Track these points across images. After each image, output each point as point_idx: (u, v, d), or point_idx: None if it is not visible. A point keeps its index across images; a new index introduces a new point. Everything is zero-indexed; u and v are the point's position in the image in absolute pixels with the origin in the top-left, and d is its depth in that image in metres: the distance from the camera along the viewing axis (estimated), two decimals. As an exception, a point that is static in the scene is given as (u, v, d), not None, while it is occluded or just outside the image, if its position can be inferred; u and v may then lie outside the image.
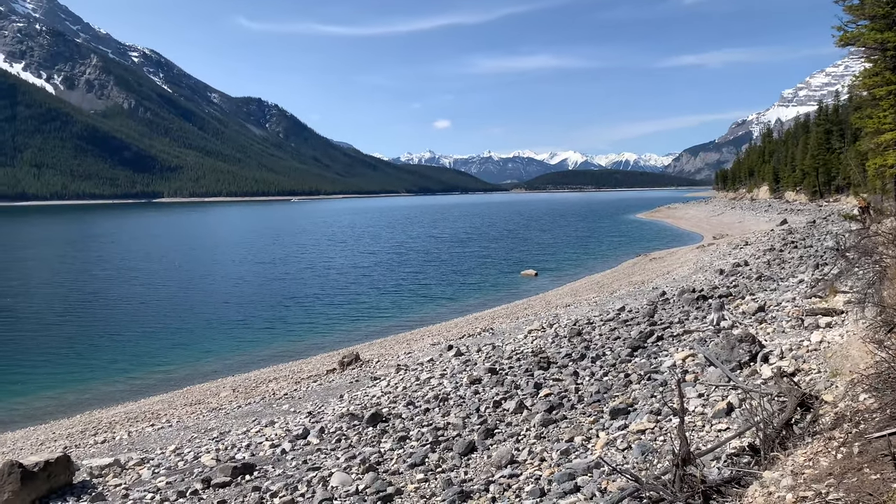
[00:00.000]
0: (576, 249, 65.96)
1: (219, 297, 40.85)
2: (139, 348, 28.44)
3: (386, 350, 24.01)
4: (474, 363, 15.74)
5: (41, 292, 43.81)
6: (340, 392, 16.32)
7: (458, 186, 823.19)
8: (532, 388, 11.80)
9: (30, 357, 27.13)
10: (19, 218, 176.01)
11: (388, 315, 34.65)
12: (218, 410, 17.31)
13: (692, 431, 7.50)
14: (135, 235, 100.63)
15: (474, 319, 29.77)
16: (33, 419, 20.40)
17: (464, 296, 39.79)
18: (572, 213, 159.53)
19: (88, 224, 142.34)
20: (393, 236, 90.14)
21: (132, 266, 56.92)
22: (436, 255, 63.22)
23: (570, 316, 22.75)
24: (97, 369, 25.45)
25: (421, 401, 12.83)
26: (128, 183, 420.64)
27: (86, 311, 36.72)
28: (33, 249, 76.58)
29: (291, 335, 30.59)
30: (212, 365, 25.86)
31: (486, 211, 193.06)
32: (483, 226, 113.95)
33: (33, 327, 32.64)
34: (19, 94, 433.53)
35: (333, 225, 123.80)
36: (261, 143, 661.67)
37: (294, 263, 57.66)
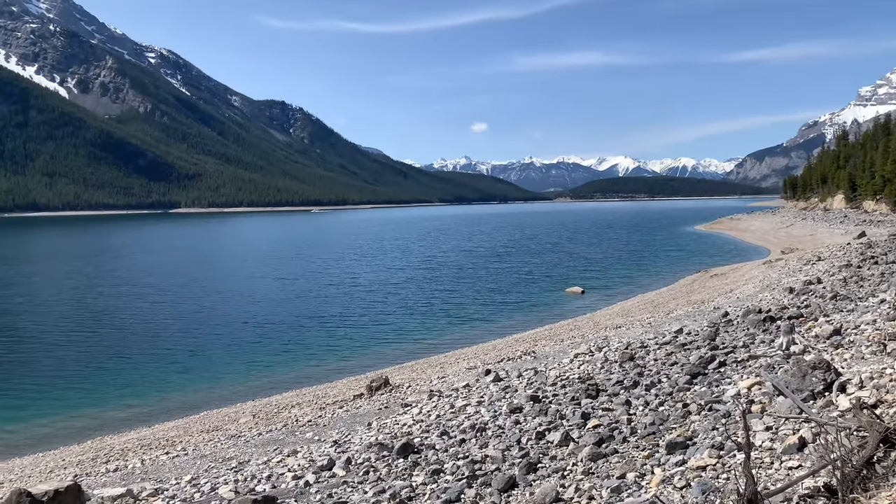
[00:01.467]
0: (627, 265, 65.33)
1: (237, 315, 41.45)
2: (152, 370, 28.98)
3: (417, 374, 24.05)
4: (514, 390, 15.67)
5: (48, 310, 44.99)
6: (368, 419, 16.39)
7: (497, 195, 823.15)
8: (579, 419, 11.69)
9: (37, 379, 27.84)
10: (29, 230, 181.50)
11: (420, 336, 34.70)
12: (237, 438, 17.52)
13: (759, 469, 7.36)
14: (148, 249, 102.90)
15: (514, 342, 29.63)
16: (42, 445, 20.92)
17: (502, 316, 39.64)
18: (623, 225, 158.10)
19: (100, 236, 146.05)
20: (424, 250, 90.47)
21: (144, 282, 58.16)
22: (471, 271, 63.23)
23: (621, 338, 22.49)
24: (108, 393, 26.01)
25: (456, 430, 12.80)
26: (143, 192, 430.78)
27: (96, 331, 37.59)
28: (41, 264, 78.83)
29: (315, 357, 30.86)
30: (230, 389, 26.22)
31: (527, 222, 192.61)
32: (523, 238, 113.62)
33: (40, 348, 33.51)
34: (31, 99, 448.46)
35: (359, 237, 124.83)
36: (284, 150, 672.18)
37: (317, 280, 58.25)
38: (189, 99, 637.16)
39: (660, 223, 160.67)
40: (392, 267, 67.97)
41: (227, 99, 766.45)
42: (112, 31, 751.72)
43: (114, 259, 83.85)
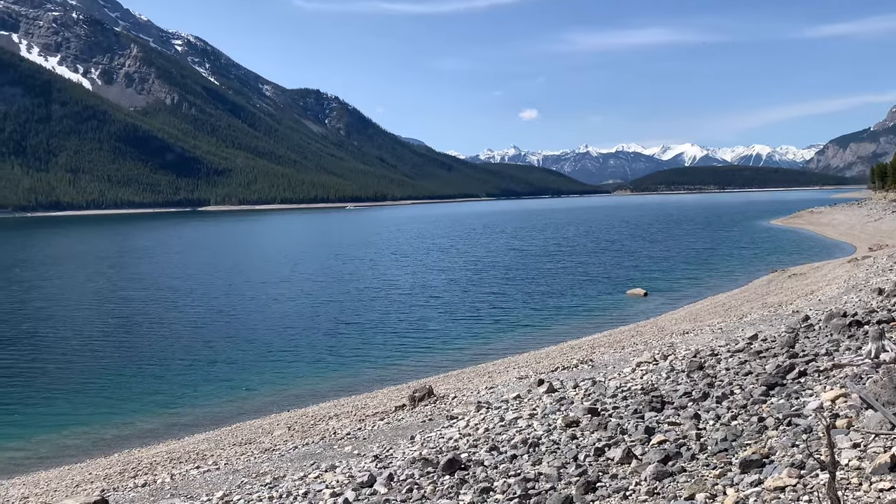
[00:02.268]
0: (695, 264, 64.54)
1: (269, 321, 42.11)
2: (181, 379, 29.64)
3: (464, 384, 24.09)
4: (570, 402, 15.59)
5: (70, 315, 46.38)
6: (411, 433, 16.49)
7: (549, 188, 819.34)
8: (642, 434, 11.58)
9: (62, 388, 28.71)
10: (52, 230, 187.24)
11: (465, 343, 34.76)
12: (271, 451, 17.81)
13: (846, 490, 7.20)
14: (175, 249, 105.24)
15: (569, 349, 29.48)
16: (67, 457, 21.59)
17: (556, 321, 39.48)
18: (690, 220, 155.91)
19: (125, 236, 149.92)
20: (468, 249, 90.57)
21: (171, 285, 59.51)
22: (520, 272, 63.11)
23: (688, 346, 22.21)
24: (135, 403, 26.69)
25: (506, 445, 12.79)
26: (170, 189, 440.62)
27: (121, 338, 38.61)
28: (62, 266, 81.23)
29: (353, 366, 31.17)
30: (263, 399, 26.66)
31: (583, 217, 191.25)
32: (578, 236, 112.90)
33: (64, 355, 34.55)
34: (54, 91, 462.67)
35: (398, 236, 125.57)
36: (319, 142, 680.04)
37: (353, 282, 58.82)
38: (218, 89, 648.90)
39: (731, 218, 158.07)
40: (433, 268, 68.23)
41: (257, 88, 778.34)
42: (137, 17, 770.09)
43: (139, 261, 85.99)
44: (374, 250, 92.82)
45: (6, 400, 27.15)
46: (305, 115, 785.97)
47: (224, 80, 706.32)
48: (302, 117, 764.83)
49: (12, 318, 44.68)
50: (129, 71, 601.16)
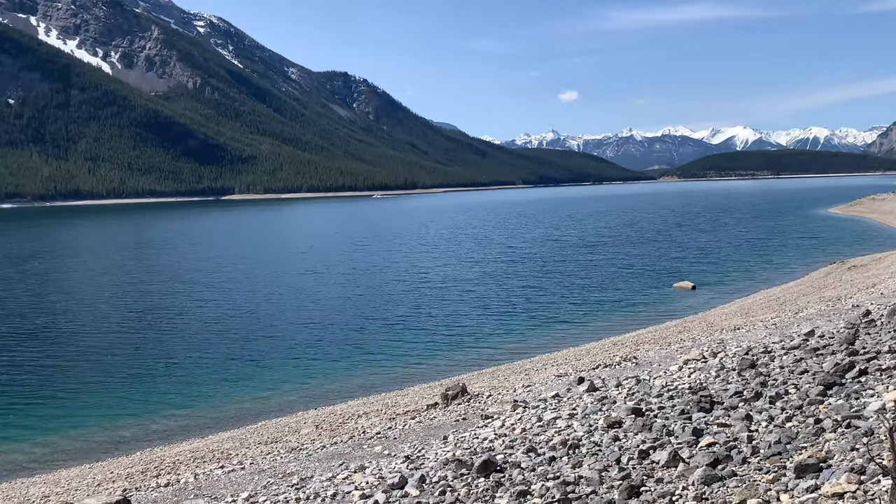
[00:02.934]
0: (747, 255, 63.94)
1: (295, 315, 42.53)
2: (205, 376, 30.08)
3: (499, 382, 24.13)
4: (613, 401, 15.52)
5: (89, 309, 47.29)
6: (444, 432, 16.55)
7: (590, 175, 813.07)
8: (690, 435, 11.50)
9: (82, 385, 29.32)
10: (71, 220, 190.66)
11: (500, 339, 34.83)
12: (298, 451, 18.01)
13: (910, 499, 7.09)
14: (196, 240, 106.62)
15: (612, 345, 29.37)
16: (89, 456, 22.05)
17: (597, 316, 39.39)
18: (741, 208, 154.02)
19: (145, 227, 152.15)
20: (503, 240, 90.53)
21: (193, 278, 60.37)
22: (559, 264, 62.95)
23: (739, 342, 21.99)
24: (158, 400, 27.16)
25: (545, 447, 12.79)
26: (193, 177, 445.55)
27: (142, 332, 39.27)
28: (80, 258, 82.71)
29: (383, 362, 31.37)
30: (290, 396, 26.97)
31: (626, 206, 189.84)
32: (621, 225, 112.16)
33: (83, 351, 35.24)
34: (73, 76, 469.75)
35: (429, 226, 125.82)
36: (347, 127, 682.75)
37: (382, 275, 59.15)
38: (242, 72, 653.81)
39: (786, 205, 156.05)
40: (467, 260, 68.31)
41: (283, 71, 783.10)
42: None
43: (159, 252, 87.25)
44: (403, 241, 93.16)
45: (25, 397, 27.80)
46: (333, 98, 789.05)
47: (248, 63, 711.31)
48: (329, 101, 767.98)
49: (29, 312, 45.66)
50: (149, 54, 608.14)
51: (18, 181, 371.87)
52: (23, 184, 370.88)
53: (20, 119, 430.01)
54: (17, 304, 48.71)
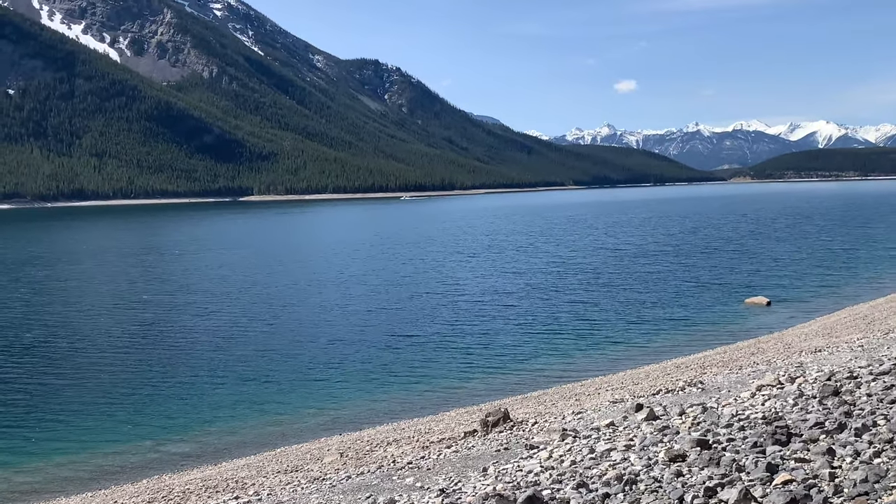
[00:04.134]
0: (830, 268, 63.11)
1: (317, 331, 42.83)
2: (218, 397, 30.39)
3: (546, 408, 24.04)
4: (675, 432, 15.39)
5: (89, 323, 48.07)
6: (484, 463, 16.52)
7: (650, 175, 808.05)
8: (763, 471, 11.37)
9: (82, 407, 29.75)
10: (73, 222, 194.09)
11: (548, 360, 34.73)
12: (321, 481, 18.10)
13: None
14: (209, 246, 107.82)
15: (674, 368, 29.13)
16: (91, 483, 22.40)
17: (657, 335, 39.13)
18: (824, 214, 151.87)
19: (154, 231, 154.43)
20: (550, 249, 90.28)
21: (204, 289, 61.06)
22: (613, 276, 62.63)
23: (821, 366, 21.68)
24: (167, 423, 27.49)
25: (597, 482, 12.71)
26: (208, 176, 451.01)
27: (148, 349, 39.73)
28: (82, 265, 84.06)
29: (414, 384, 31.43)
30: (312, 420, 27.13)
31: (691, 210, 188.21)
32: (685, 233, 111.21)
33: (82, 369, 35.76)
34: (78, 64, 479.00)
35: (466, 232, 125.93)
36: (378, 121, 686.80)
37: (413, 286, 59.38)
38: (262, 60, 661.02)
39: (876, 211, 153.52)
40: (508, 271, 68.21)
41: (307, 59, 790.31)
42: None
43: (168, 260, 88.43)
44: (436, 249, 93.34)
45: (19, 419, 28.21)
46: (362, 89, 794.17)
47: (270, 50, 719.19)
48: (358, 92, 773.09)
49: (23, 325, 46.52)
50: (161, 40, 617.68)
51: (18, 179, 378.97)
52: (22, 182, 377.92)
53: (20, 111, 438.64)
54: (9, 316, 49.62)
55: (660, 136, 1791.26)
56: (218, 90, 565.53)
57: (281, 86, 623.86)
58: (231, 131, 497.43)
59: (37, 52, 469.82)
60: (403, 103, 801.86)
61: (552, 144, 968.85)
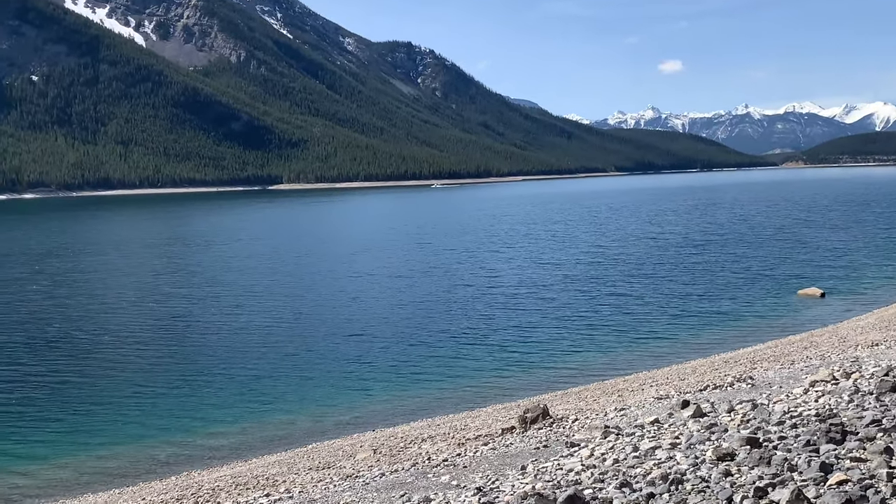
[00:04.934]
0: (888, 258, 62.45)
1: (349, 324, 43.08)
2: (248, 391, 30.71)
3: (587, 403, 23.99)
4: (724, 429, 15.28)
5: (114, 315, 48.77)
6: (522, 461, 16.52)
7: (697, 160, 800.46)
8: (817, 471, 11.26)
9: (109, 400, 30.25)
10: (98, 212, 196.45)
11: (589, 355, 34.69)
12: (353, 479, 18.21)
13: None
14: (236, 237, 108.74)
15: (723, 363, 28.93)
16: (118, 480, 22.76)
17: (704, 328, 38.93)
18: (881, 201, 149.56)
19: (181, 221, 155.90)
20: (590, 238, 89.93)
21: (230, 280, 61.75)
22: (657, 266, 62.29)
23: (878, 361, 21.39)
24: (196, 418, 27.84)
25: (641, 481, 12.66)
26: (236, 164, 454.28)
27: (174, 342, 40.30)
28: (105, 256, 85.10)
29: (449, 379, 31.53)
30: (344, 416, 27.31)
31: (740, 197, 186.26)
32: (734, 220, 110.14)
33: (109, 362, 36.36)
34: (103, 49, 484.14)
35: (501, 221, 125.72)
36: (410, 105, 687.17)
37: (447, 278, 59.60)
38: (291, 43, 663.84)
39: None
40: (545, 262, 68.02)
41: (338, 42, 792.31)
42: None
43: (194, 250, 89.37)
44: (470, 238, 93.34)
45: (45, 415, 28.70)
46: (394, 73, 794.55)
47: (299, 33, 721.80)
48: (390, 76, 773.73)
49: (45, 318, 47.27)
50: (187, 23, 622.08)
51: (42, 168, 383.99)
52: (47, 171, 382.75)
53: (44, 98, 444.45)
54: (31, 309, 50.42)
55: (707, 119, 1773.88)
56: (246, 75, 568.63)
57: (310, 70, 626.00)
58: (259, 117, 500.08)
59: (60, 37, 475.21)
60: (437, 87, 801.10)
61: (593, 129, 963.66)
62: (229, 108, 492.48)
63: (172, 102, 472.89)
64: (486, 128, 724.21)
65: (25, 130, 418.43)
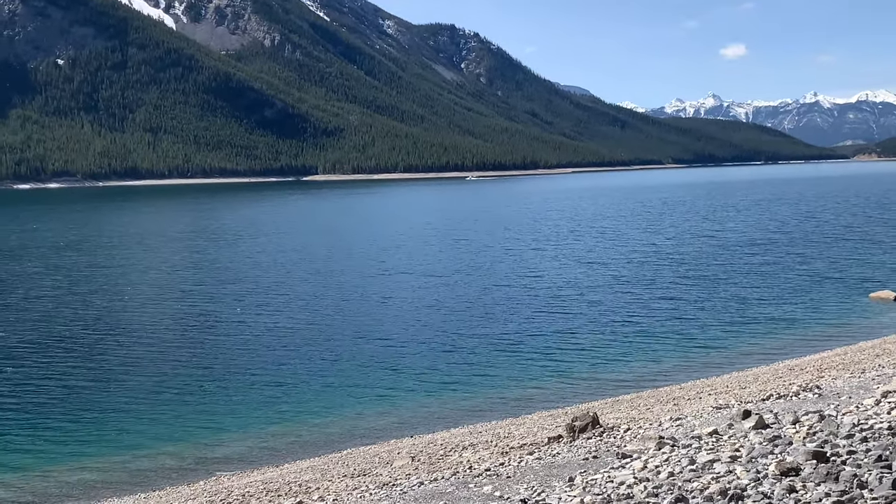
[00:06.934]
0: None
1: (384, 324, 43.33)
2: (280, 393, 30.98)
3: (640, 412, 23.90)
4: (788, 442, 15.15)
5: (137, 312, 49.40)
6: (570, 473, 16.49)
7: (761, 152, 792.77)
8: (889, 489, 11.13)
9: (134, 401, 30.65)
10: (125, 203, 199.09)
11: (641, 360, 34.55)
12: (391, 487, 18.30)
13: None
14: (266, 231, 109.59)
15: (787, 371, 28.66)
16: (144, 483, 23.11)
17: (767, 334, 38.59)
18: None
19: (208, 213, 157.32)
20: (642, 235, 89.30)
21: (253, 277, 62.24)
22: (715, 267, 61.78)
23: (956, 371, 21.08)
24: (225, 420, 28.14)
25: (698, 496, 12.60)
26: (269, 153, 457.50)
27: (201, 340, 40.77)
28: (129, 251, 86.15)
29: (491, 383, 31.56)
30: (381, 420, 27.47)
31: (806, 192, 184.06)
32: (799, 218, 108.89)
33: (133, 361, 36.81)
34: (131, 32, 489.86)
35: (545, 217, 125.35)
36: (453, 92, 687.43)
37: (487, 276, 59.71)
38: (328, 26, 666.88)
39: None
40: (590, 261, 67.67)
41: (377, 24, 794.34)
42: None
43: (220, 245, 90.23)
44: (512, 235, 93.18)
45: (68, 417, 29.11)
46: (436, 57, 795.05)
47: (336, 16, 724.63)
48: (432, 61, 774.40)
49: (64, 316, 47.80)
50: (219, 5, 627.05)
51: (67, 156, 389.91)
52: (73, 159, 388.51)
53: (70, 83, 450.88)
54: (48, 307, 50.91)
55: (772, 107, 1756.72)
56: (280, 60, 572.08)
57: (348, 54, 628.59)
58: (294, 105, 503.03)
59: (87, 19, 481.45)
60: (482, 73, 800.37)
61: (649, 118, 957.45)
62: (262, 95, 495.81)
63: (203, 88, 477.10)
64: (533, 116, 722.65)
65: (50, 116, 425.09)
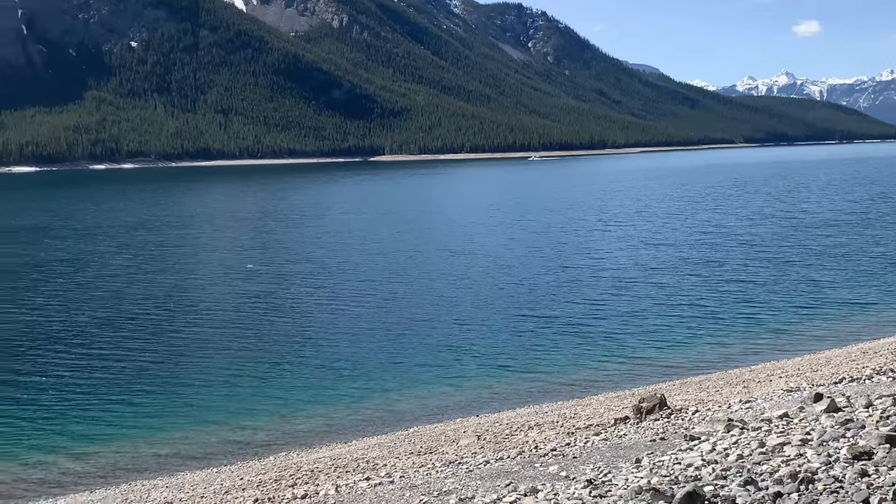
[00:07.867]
0: None
1: (449, 304, 43.55)
2: (349, 371, 31.33)
3: (708, 395, 23.68)
4: (860, 426, 14.87)
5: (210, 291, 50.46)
6: (637, 454, 16.41)
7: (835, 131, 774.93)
8: (966, 476, 10.87)
9: (208, 378, 31.28)
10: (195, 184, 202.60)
11: (710, 342, 34.24)
12: (457, 465, 18.40)
13: None
14: (332, 211, 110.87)
15: (861, 354, 28.10)
16: (215, 458, 23.58)
17: (840, 316, 37.99)
18: None
19: (276, 193, 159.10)
20: (710, 217, 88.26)
21: (319, 257, 62.97)
22: (786, 248, 60.89)
23: None
24: (295, 397, 28.57)
25: (768, 479, 12.44)
26: (337, 134, 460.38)
27: (272, 319, 41.44)
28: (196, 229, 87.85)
29: (557, 363, 31.52)
30: (447, 399, 27.60)
31: (882, 173, 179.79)
32: (873, 199, 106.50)
33: (205, 339, 37.63)
34: (203, 14, 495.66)
35: (612, 197, 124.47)
36: (520, 72, 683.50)
37: (553, 257, 59.62)
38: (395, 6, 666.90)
39: None
40: (657, 242, 67.06)
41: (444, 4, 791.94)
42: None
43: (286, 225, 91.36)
44: (578, 216, 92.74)
45: (143, 389, 29.88)
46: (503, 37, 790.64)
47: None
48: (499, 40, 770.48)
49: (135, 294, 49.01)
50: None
51: (142, 137, 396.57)
52: (147, 140, 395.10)
53: (143, 65, 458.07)
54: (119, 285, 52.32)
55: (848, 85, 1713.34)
56: (348, 41, 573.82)
57: (415, 35, 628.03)
58: (362, 85, 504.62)
59: (160, 2, 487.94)
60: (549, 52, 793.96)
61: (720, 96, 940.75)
62: (330, 76, 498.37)
63: (273, 70, 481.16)
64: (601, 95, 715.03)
65: (125, 98, 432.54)
